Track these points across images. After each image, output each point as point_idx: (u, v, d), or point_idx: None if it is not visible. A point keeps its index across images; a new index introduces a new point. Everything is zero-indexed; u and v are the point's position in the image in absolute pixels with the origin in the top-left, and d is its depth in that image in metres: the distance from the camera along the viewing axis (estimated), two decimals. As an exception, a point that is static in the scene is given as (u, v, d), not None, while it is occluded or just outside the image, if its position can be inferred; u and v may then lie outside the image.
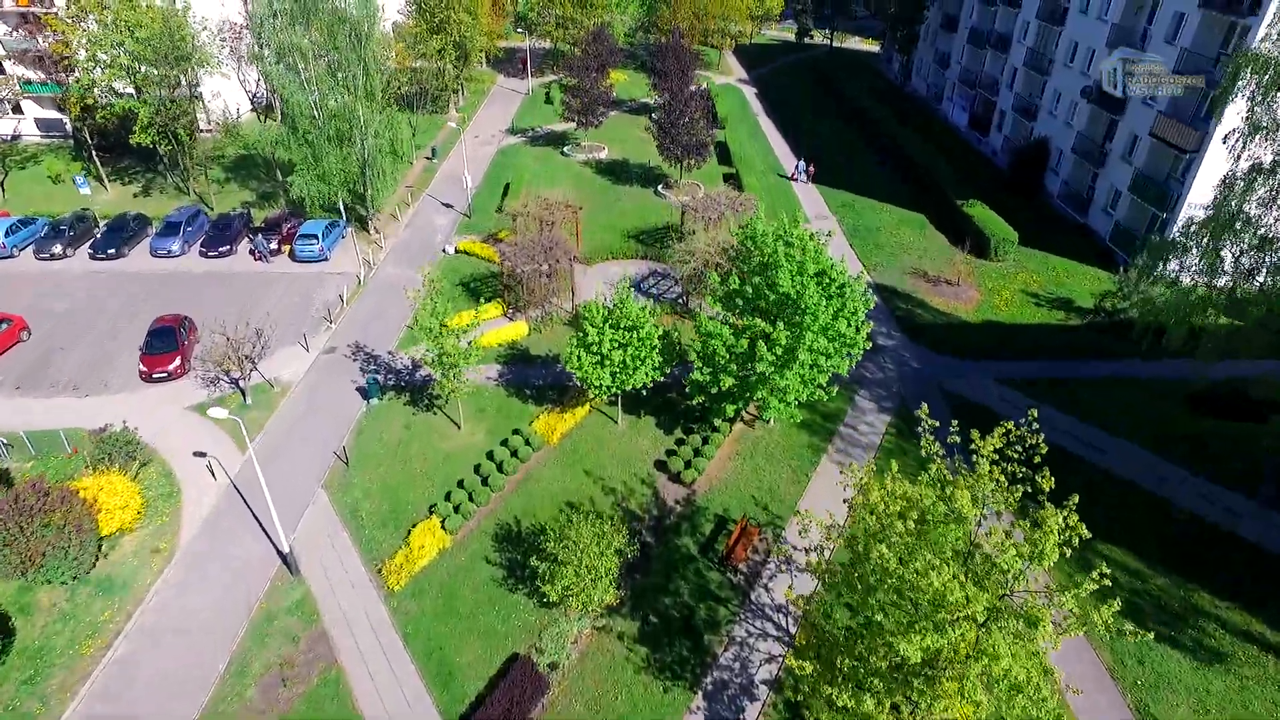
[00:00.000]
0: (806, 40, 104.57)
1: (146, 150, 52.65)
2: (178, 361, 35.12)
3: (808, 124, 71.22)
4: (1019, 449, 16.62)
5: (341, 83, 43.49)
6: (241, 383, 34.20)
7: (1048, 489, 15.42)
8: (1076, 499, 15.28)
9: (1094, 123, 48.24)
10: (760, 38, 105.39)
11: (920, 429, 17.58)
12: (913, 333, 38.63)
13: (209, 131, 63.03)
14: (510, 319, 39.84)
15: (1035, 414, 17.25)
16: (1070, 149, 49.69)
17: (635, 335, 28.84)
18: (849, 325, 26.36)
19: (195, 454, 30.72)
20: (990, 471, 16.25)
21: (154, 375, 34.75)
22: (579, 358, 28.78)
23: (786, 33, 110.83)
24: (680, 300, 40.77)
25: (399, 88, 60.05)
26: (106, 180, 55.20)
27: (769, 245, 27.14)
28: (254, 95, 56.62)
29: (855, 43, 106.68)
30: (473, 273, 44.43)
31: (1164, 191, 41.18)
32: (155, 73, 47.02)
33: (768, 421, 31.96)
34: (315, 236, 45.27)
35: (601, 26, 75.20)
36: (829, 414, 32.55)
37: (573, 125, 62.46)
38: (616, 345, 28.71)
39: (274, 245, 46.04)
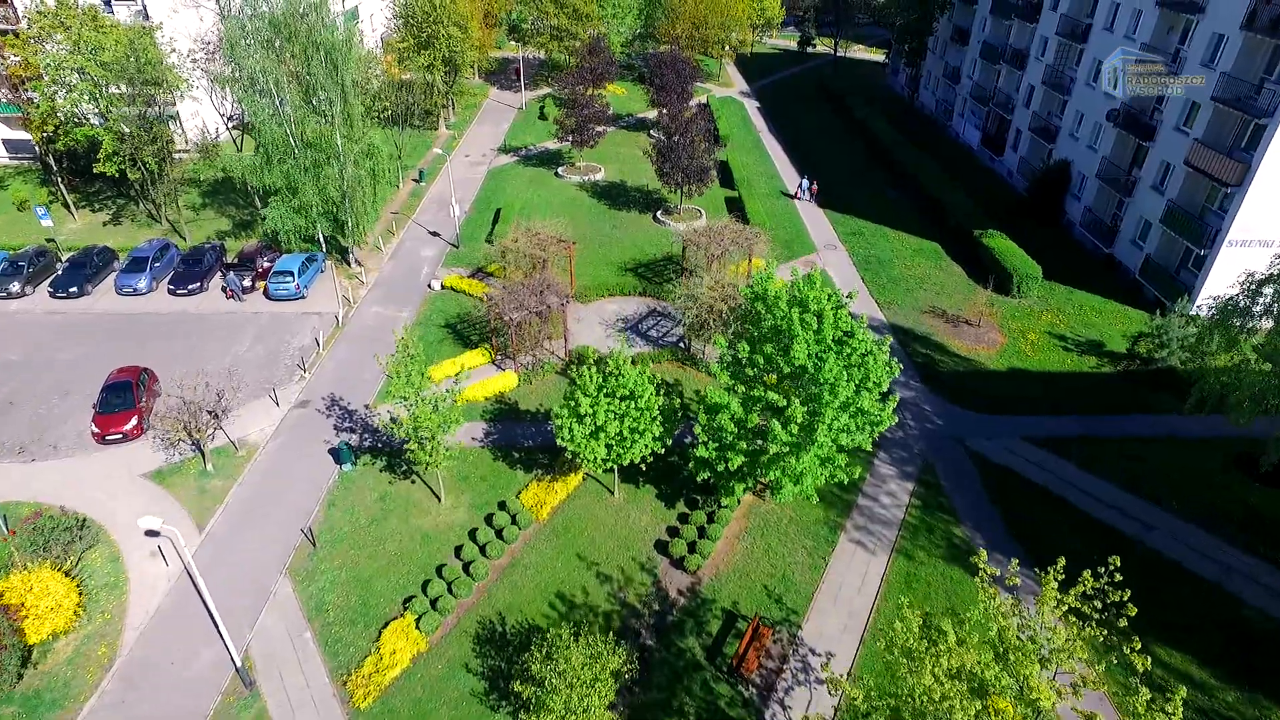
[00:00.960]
0: (809, 49, 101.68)
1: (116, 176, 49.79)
2: (134, 421, 32.15)
3: (812, 140, 68.39)
4: (1098, 605, 13.74)
5: (318, 109, 40.59)
6: (203, 445, 31.26)
7: (1142, 669, 12.55)
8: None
9: (1121, 147, 45.38)
10: (761, 47, 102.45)
11: (976, 563, 14.69)
12: (933, 382, 35.73)
13: (185, 152, 60.21)
14: (498, 366, 36.95)
15: (1118, 562, 14.30)
16: (1094, 174, 46.80)
17: (633, 404, 25.93)
18: (872, 401, 23.48)
19: (147, 533, 27.79)
20: (1065, 627, 13.41)
21: (108, 437, 31.81)
22: (570, 429, 25.88)
23: (788, 40, 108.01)
24: (682, 345, 37.85)
25: (384, 108, 57.15)
26: (74, 208, 52.22)
27: (781, 309, 24.26)
28: (229, 117, 53.67)
29: (859, 50, 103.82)
30: (459, 312, 41.50)
31: (1201, 226, 38.32)
32: (121, 98, 44.06)
33: (779, 492, 29.07)
34: (291, 273, 42.31)
35: (598, 38, 72.51)
36: (846, 482, 29.63)
37: (568, 144, 59.52)
38: (613, 416, 25.82)
39: (247, 282, 43.07)
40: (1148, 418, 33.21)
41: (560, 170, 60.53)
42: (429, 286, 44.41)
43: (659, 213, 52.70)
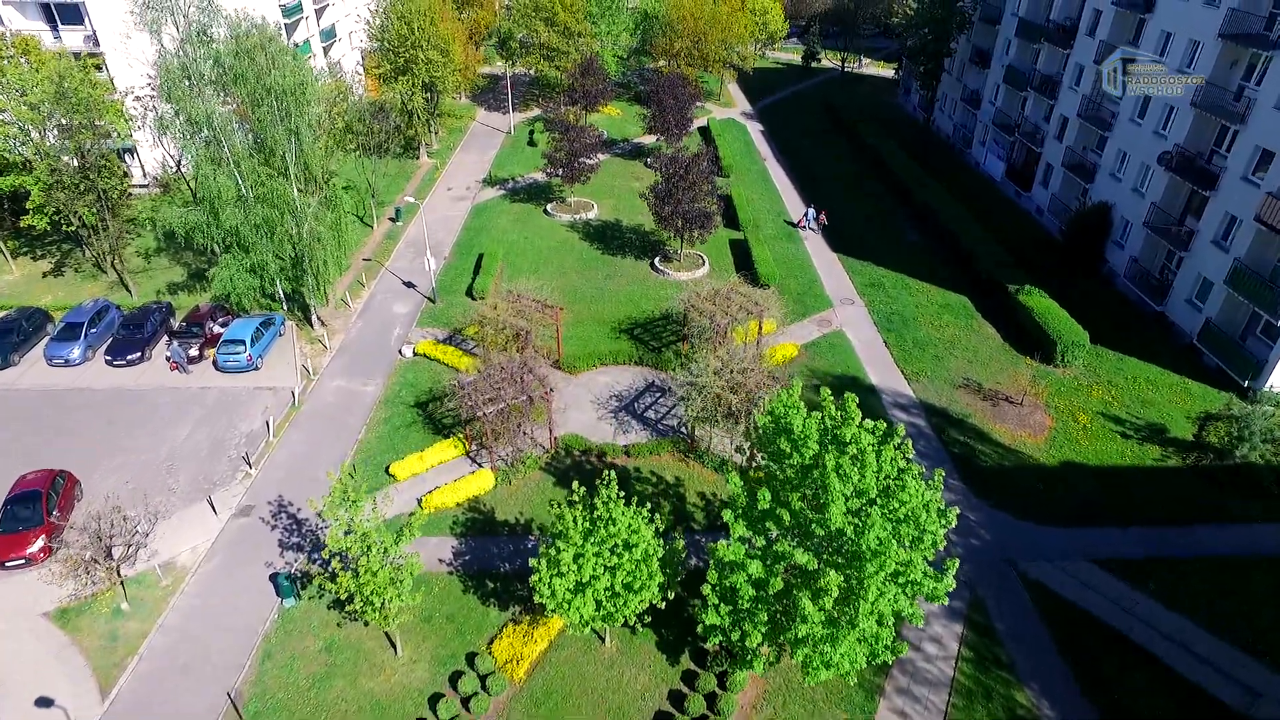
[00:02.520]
0: (814, 64, 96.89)
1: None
2: (40, 542, 27.29)
3: (822, 171, 63.59)
4: None
5: (269, 160, 35.77)
6: (121, 570, 26.41)
7: None
8: None
9: (1173, 194, 40.61)
10: (763, 61, 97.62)
11: None
12: (975, 481, 30.91)
13: (144, 187, 55.36)
14: (472, 458, 32.12)
15: None
16: (1142, 222, 42.00)
17: (629, 554, 21.13)
18: (925, 571, 18.68)
19: (38, 702, 22.94)
20: None
21: (7, 563, 26.94)
22: (550, 585, 21.06)
23: (792, 54, 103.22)
24: (684, 435, 33.03)
25: (357, 140, 52.27)
26: (12, 256, 47.30)
27: (810, 447, 19.43)
28: (178, 161, 48.83)
29: (866, 64, 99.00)
30: (432, 386, 36.64)
31: (1275, 291, 33.54)
32: (52, 142, 39.19)
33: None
34: (243, 342, 37.42)
35: (591, 57, 67.76)
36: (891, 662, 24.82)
37: (557, 177, 54.59)
38: (603, 568, 21.02)
39: (194, 351, 38.20)
40: (1230, 529, 28.44)
41: (549, 207, 55.68)
42: (400, 353, 39.56)
43: (657, 260, 47.88)
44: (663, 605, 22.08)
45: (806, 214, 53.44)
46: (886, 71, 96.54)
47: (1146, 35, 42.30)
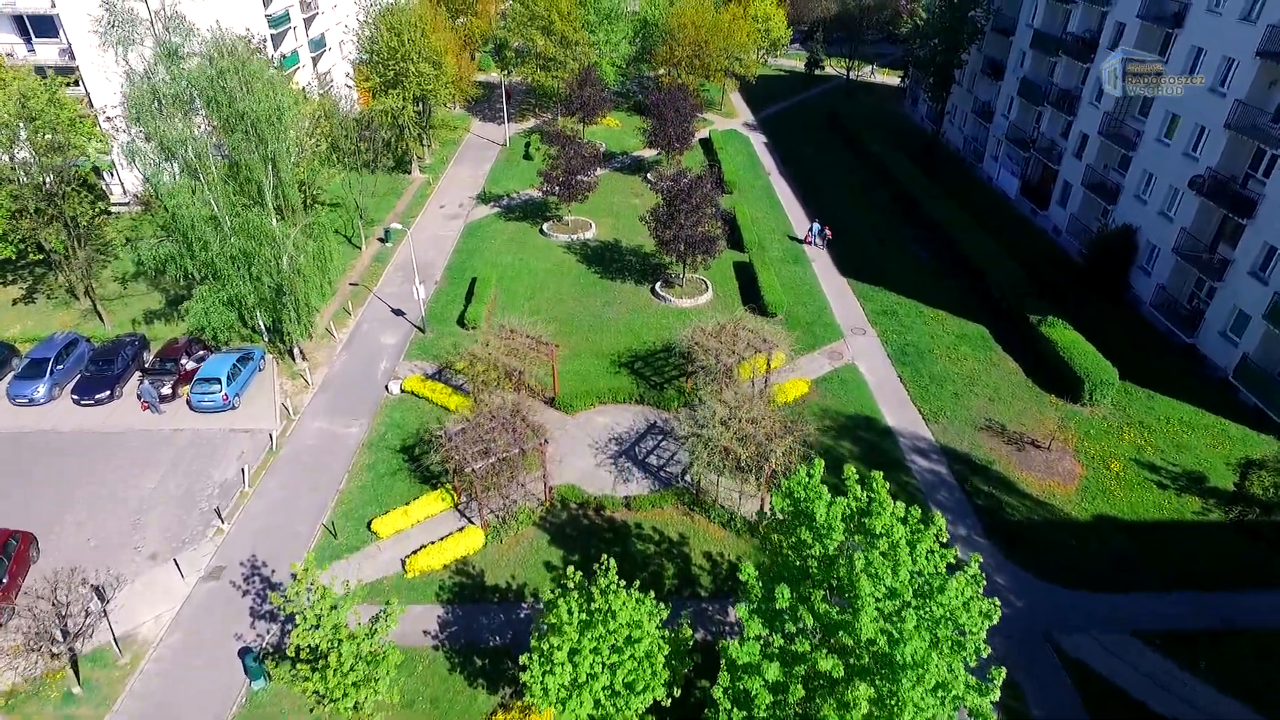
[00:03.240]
0: (817, 71, 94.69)
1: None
2: (-11, 615, 25.09)
3: (828, 186, 61.38)
4: None
5: (243, 189, 33.55)
6: (75, 646, 24.18)
7: None
8: None
9: (1205, 219, 38.41)
10: (766, 68, 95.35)
11: None
12: (1003, 538, 28.67)
13: (125, 205, 53.11)
14: (461, 511, 29.88)
15: None
16: (1170, 248, 39.78)
17: (631, 649, 18.89)
18: (967, 681, 16.43)
19: (-25, 808, 20.71)
20: None
21: (-49, 640, 24.71)
22: (542, 683, 18.80)
23: (795, 60, 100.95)
24: (688, 485, 30.77)
25: (345, 156, 49.96)
26: (-20, 284, 45.09)
27: (835, 538, 17.20)
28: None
29: (870, 72, 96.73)
30: (420, 427, 34.41)
31: (1320, 330, 31.38)
32: (15, 167, 36.91)
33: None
34: (219, 380, 35.16)
35: (589, 68, 65.56)
36: None
37: (554, 196, 52.29)
38: (602, 665, 18.78)
39: (167, 389, 35.96)
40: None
41: (546, 227, 53.46)
42: (386, 389, 37.31)
43: (658, 285, 45.63)
44: (668, 703, 19.81)
45: (812, 229, 51.70)
46: (892, 79, 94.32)
47: (1175, 51, 40.09)
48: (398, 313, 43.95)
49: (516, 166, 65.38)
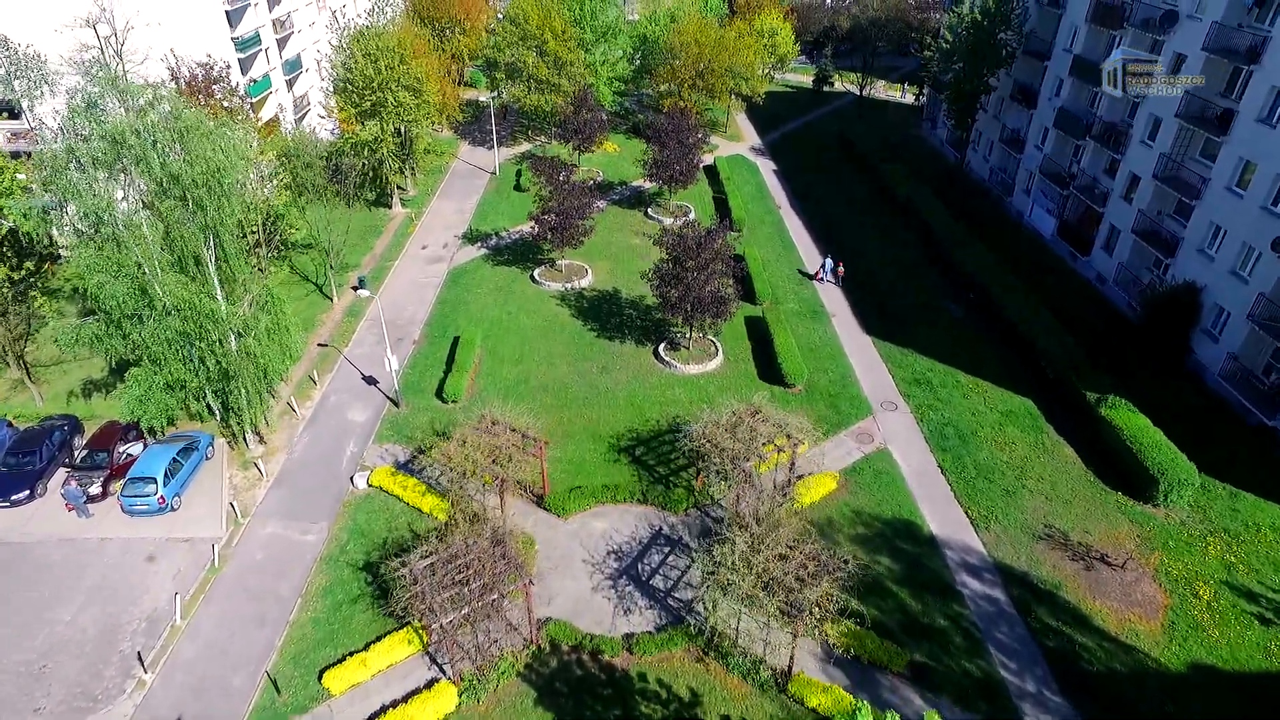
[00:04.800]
0: (826, 88, 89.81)
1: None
2: None
3: (845, 224, 56.36)
4: None
5: (180, 264, 28.70)
6: None
7: None
8: None
9: (1287, 285, 33.60)
10: (773, 85, 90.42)
11: None
12: (1081, 695, 23.82)
13: (69, 249, 48.11)
14: (432, 657, 25.03)
15: None
16: (1245, 315, 34.97)
17: None
18: None
19: None
20: None
21: None
22: None
23: (802, 74, 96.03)
24: (701, 617, 25.88)
25: (317, 193, 45.12)
26: (-98, 349, 40.05)
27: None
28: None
29: (882, 88, 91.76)
30: (388, 536, 29.62)
31: None
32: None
33: None
34: (154, 480, 30.27)
35: (585, 91, 60.75)
36: None
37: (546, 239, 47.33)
38: None
39: (95, 489, 31.11)
40: None
41: (537, 273, 48.60)
42: (351, 482, 32.49)
43: (662, 347, 40.76)
44: None
45: (824, 265, 47.84)
46: (907, 96, 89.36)
47: (1252, 90, 35.24)
48: (370, 380, 39.09)
49: (507, 199, 60.46)
